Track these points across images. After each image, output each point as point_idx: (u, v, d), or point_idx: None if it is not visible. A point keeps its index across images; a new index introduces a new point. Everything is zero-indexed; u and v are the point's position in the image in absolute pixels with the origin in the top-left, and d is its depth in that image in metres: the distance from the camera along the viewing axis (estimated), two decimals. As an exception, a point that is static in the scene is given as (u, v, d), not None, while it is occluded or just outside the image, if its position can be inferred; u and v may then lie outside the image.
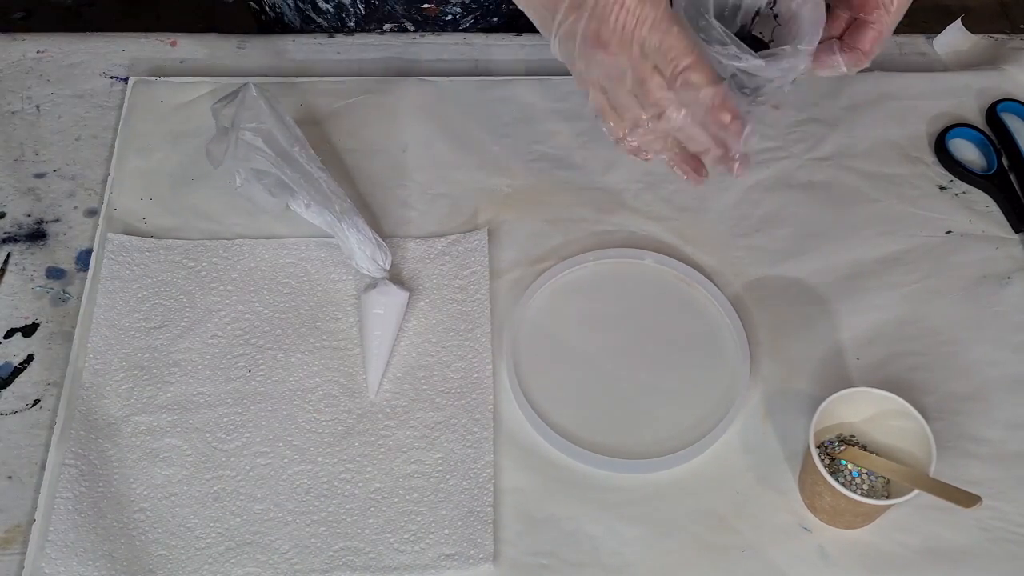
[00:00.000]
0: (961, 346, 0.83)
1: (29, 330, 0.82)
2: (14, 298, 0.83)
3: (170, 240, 0.85)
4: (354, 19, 1.01)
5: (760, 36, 0.78)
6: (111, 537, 0.73)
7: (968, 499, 0.68)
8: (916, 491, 0.69)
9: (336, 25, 1.02)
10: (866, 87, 0.96)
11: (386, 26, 1.01)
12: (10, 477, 0.76)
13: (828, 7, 0.76)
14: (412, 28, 1.01)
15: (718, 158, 0.73)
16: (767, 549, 0.74)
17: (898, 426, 0.74)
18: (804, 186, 0.91)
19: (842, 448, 0.75)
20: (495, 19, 1.02)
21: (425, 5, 0.90)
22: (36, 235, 0.87)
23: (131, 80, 0.94)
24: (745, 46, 0.72)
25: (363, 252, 0.81)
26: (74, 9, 2.13)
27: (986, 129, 0.94)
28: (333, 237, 0.83)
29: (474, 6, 1.00)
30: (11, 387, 0.80)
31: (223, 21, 2.10)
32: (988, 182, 0.90)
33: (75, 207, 0.88)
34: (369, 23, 1.01)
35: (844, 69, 0.76)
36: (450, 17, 1.01)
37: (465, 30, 1.01)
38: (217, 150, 0.82)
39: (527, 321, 0.83)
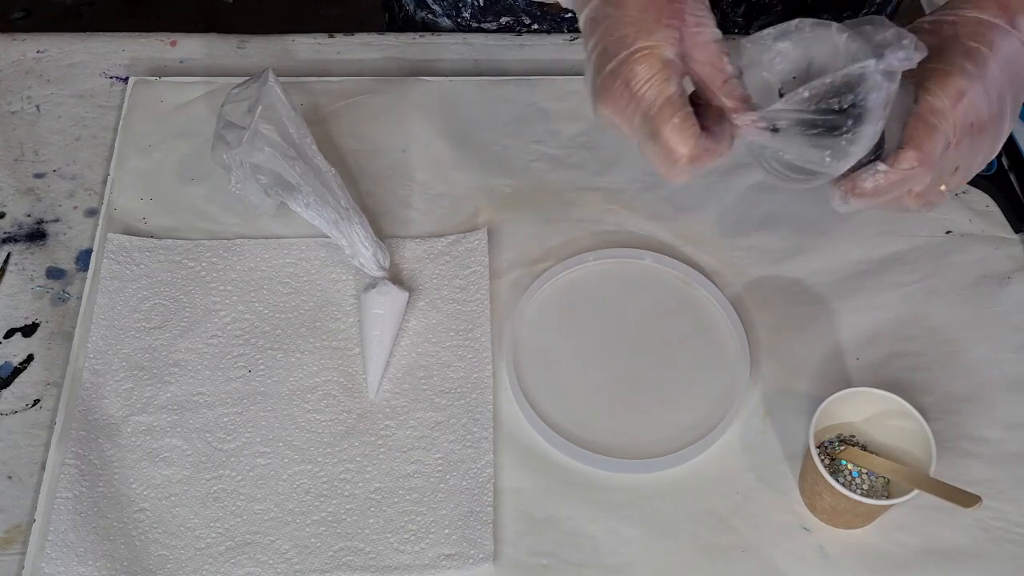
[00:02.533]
0: (961, 346, 0.83)
1: (29, 330, 0.82)
2: (14, 298, 0.83)
3: (170, 240, 0.85)
4: (470, 10, 1.01)
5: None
6: (111, 537, 0.73)
7: (968, 499, 0.68)
8: (916, 491, 0.69)
9: (451, 13, 1.02)
10: (866, 87, 0.96)
11: (502, 19, 1.01)
12: (10, 477, 0.76)
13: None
14: (528, 22, 1.01)
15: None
16: (767, 549, 0.74)
17: (898, 426, 0.74)
18: (804, 186, 0.90)
19: (842, 448, 0.75)
20: None
21: (547, 1, 0.89)
22: (36, 235, 0.87)
23: (131, 80, 0.94)
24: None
25: (366, 250, 0.81)
26: (74, 9, 2.14)
27: (986, 129, 0.94)
28: (331, 237, 0.83)
29: None
30: (11, 387, 0.80)
31: (223, 21, 2.11)
32: (988, 182, 0.90)
33: (75, 207, 0.88)
34: (486, 16, 1.01)
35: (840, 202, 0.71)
36: (570, 14, 1.00)
37: (576, 29, 1.01)
38: (230, 137, 0.82)
39: (527, 321, 0.83)
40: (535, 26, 1.01)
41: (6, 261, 0.85)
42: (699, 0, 0.68)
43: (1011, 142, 0.92)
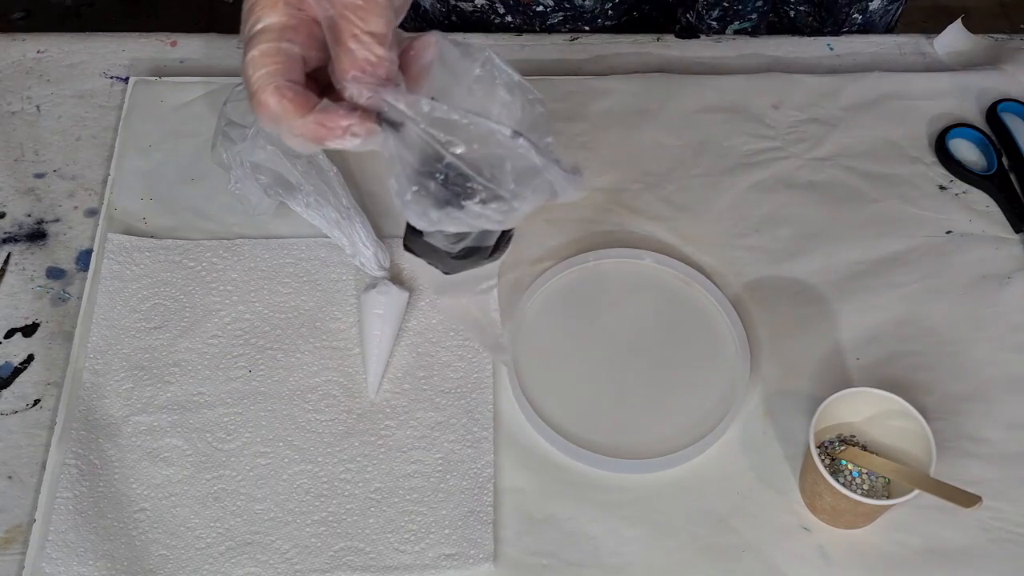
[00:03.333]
0: (961, 346, 0.83)
1: (29, 330, 0.82)
2: (14, 298, 0.83)
3: (170, 240, 0.85)
4: None
5: None
6: (111, 537, 0.73)
7: (968, 499, 0.68)
8: (916, 491, 0.69)
9: None
10: (866, 87, 0.96)
11: (478, 1, 0.99)
12: (10, 477, 0.76)
13: None
14: (502, 11, 1.00)
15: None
16: (767, 549, 0.74)
17: (898, 426, 0.74)
18: (804, 186, 0.90)
19: (842, 448, 0.75)
20: (585, 26, 1.02)
21: None
22: (36, 235, 0.87)
23: (131, 80, 0.94)
24: None
25: (367, 249, 0.81)
26: (74, 9, 2.13)
27: (986, 129, 0.94)
28: (331, 237, 0.83)
29: (567, 4, 0.99)
30: (11, 387, 0.80)
31: (223, 21, 2.10)
32: (988, 182, 0.90)
33: (75, 207, 0.88)
34: None
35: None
36: (540, 8, 1.00)
37: (553, 26, 1.01)
38: (234, 134, 0.82)
39: (527, 321, 0.83)
40: (508, 18, 1.01)
41: (6, 261, 0.85)
42: None
43: (1011, 142, 0.93)
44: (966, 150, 0.94)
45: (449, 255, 0.61)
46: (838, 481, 0.70)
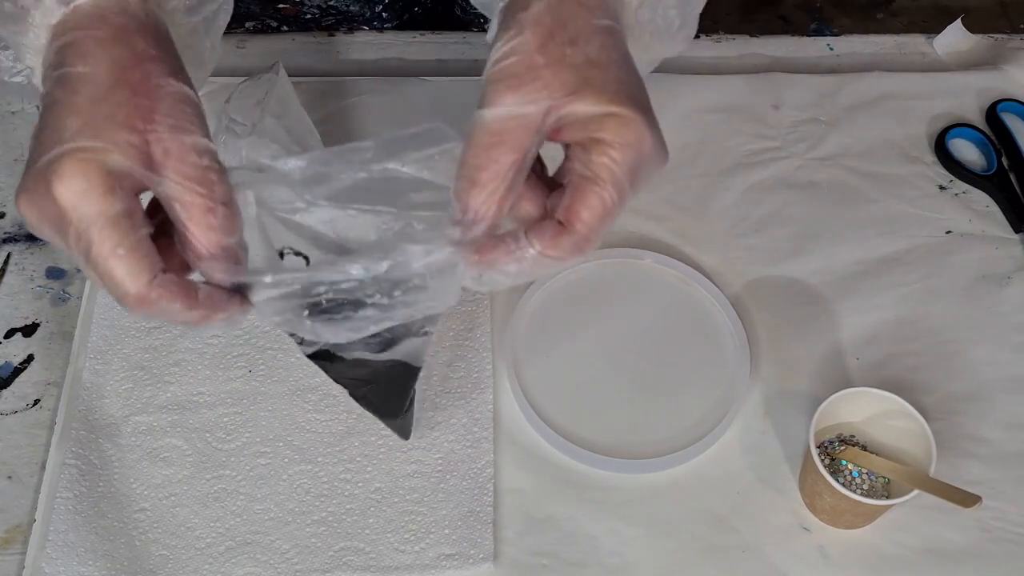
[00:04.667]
0: (961, 346, 0.83)
1: (29, 330, 0.82)
2: (14, 298, 0.83)
3: (170, 240, 0.85)
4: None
5: None
6: (111, 537, 0.73)
7: (968, 499, 0.68)
8: (916, 491, 0.69)
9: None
10: (866, 87, 0.96)
11: (247, 24, 1.01)
12: (10, 477, 0.76)
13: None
14: (275, 24, 1.01)
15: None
16: (767, 549, 0.74)
17: (898, 426, 0.74)
18: (804, 186, 0.91)
19: (842, 448, 0.75)
20: (364, 26, 1.03)
21: (281, 5, 0.88)
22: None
23: (131, 80, 0.94)
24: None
25: (366, 250, 0.81)
26: (74, 9, 2.13)
27: (986, 129, 0.94)
28: (333, 237, 0.83)
29: (332, 9, 1.00)
30: (11, 387, 0.80)
31: (223, 21, 2.10)
32: (988, 182, 0.91)
33: (75, 207, 0.88)
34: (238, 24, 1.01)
35: (535, 250, 0.56)
36: (308, 16, 1.01)
37: (330, 27, 1.01)
38: (239, 130, 0.82)
39: (527, 321, 0.83)
40: (284, 28, 1.01)
41: (6, 261, 0.85)
42: (183, 101, 0.55)
43: (1011, 142, 0.93)
44: (966, 150, 0.94)
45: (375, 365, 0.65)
46: (838, 481, 0.70)
